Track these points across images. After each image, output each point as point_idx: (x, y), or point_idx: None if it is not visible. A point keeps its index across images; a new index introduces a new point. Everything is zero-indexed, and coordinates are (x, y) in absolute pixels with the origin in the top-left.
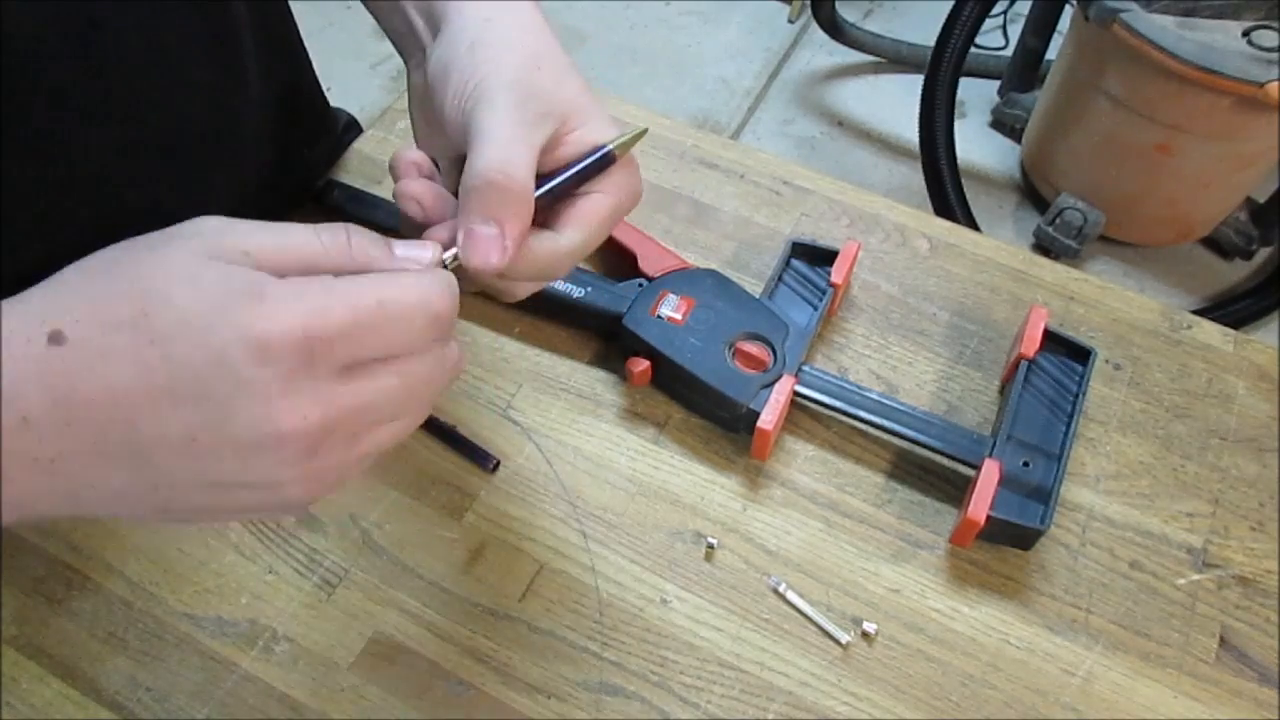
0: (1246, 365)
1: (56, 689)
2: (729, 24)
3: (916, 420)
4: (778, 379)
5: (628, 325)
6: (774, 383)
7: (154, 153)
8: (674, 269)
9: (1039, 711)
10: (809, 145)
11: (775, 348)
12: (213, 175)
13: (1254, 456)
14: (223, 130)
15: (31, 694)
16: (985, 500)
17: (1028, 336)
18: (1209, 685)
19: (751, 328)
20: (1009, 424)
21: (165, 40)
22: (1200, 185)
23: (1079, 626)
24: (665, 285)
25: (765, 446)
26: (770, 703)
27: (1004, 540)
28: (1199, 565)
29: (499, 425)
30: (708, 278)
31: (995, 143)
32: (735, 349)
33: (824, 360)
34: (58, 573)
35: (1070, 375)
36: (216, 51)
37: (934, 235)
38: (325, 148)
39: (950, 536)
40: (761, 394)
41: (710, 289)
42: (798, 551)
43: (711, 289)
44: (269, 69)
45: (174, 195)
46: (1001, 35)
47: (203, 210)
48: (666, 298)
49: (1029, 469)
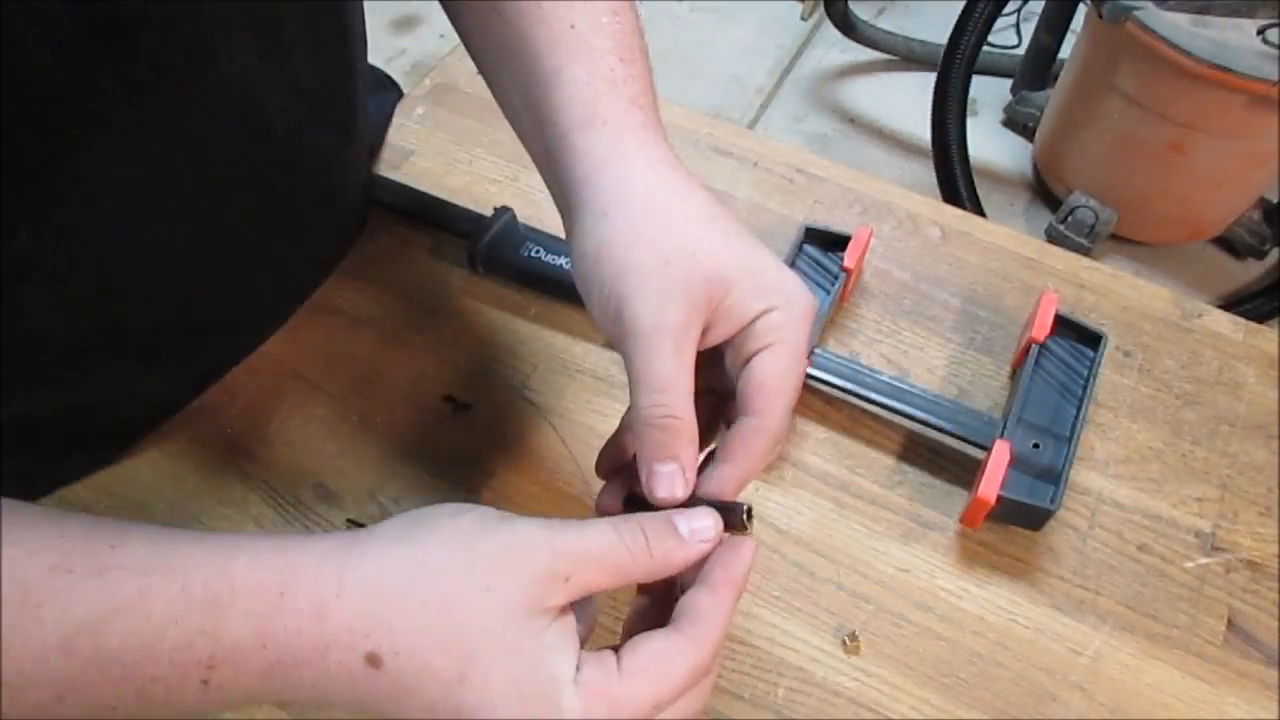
0: (1256, 353)
1: None
2: (742, 21)
3: (927, 402)
4: None
5: None
6: None
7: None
8: None
9: (1047, 690)
10: (821, 142)
11: None
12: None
13: (1262, 443)
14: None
15: None
16: (996, 480)
17: (1038, 321)
18: (1216, 666)
19: None
20: (1019, 406)
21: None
22: (1213, 184)
23: (1087, 607)
24: None
25: None
26: (780, 678)
27: (1014, 521)
28: (1207, 549)
29: (515, 405)
30: None
31: (1007, 141)
32: None
33: (836, 345)
34: None
35: (1081, 359)
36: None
37: (945, 223)
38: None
39: (960, 517)
40: None
41: None
42: (808, 531)
43: None
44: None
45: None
46: (1014, 33)
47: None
48: None
49: (1039, 450)
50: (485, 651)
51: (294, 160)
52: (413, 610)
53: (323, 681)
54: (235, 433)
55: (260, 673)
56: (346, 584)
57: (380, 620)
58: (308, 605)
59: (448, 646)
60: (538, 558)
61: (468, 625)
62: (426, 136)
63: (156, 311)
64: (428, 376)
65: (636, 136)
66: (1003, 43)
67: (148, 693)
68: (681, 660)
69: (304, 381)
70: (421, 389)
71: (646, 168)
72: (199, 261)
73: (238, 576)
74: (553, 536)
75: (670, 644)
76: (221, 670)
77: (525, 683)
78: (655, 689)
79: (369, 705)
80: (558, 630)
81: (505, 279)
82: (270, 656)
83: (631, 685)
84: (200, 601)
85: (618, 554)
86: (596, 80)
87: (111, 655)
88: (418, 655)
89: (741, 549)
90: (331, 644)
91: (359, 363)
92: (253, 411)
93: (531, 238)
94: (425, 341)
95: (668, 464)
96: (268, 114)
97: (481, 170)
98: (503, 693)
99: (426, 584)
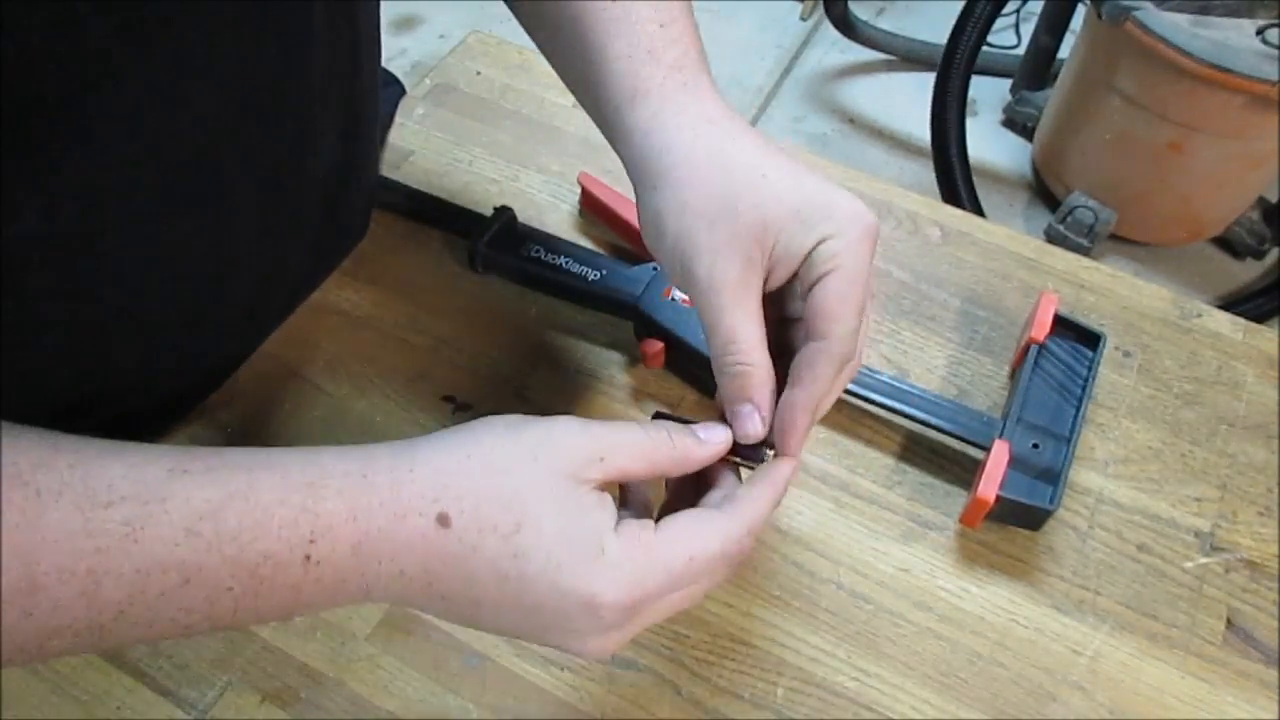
0: (1255, 353)
1: (81, 656)
2: (741, 21)
3: (926, 402)
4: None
5: (643, 308)
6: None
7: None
8: None
9: (1046, 690)
10: (820, 142)
11: None
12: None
13: (1262, 443)
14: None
15: (57, 660)
16: (995, 480)
17: (1038, 321)
18: (1215, 666)
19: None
20: (1019, 406)
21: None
22: (1212, 184)
23: (1087, 607)
24: None
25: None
26: (780, 677)
27: (1013, 521)
28: (1206, 549)
29: (514, 405)
30: None
31: (1007, 141)
32: None
33: None
34: None
35: (1080, 360)
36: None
37: (945, 223)
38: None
39: (960, 517)
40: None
41: None
42: (808, 531)
43: None
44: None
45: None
46: (1014, 34)
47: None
48: None
49: (1038, 450)
50: (536, 505)
51: (301, 153)
52: (474, 476)
53: (401, 552)
54: (235, 433)
55: (350, 547)
56: (417, 463)
57: (448, 487)
58: (387, 482)
59: (505, 502)
60: (575, 438)
61: (520, 484)
62: (426, 136)
63: (159, 301)
64: (428, 376)
65: (676, 103)
66: (1002, 43)
67: (259, 571)
68: (714, 528)
69: (304, 381)
70: (421, 389)
71: (687, 133)
72: (202, 252)
73: (327, 465)
74: (587, 425)
75: (706, 514)
76: (320, 545)
77: (572, 529)
78: (688, 546)
79: (437, 570)
80: (597, 495)
81: (505, 279)
82: (359, 529)
83: (667, 539)
84: (300, 485)
85: (644, 443)
86: (637, 53)
87: (229, 534)
88: (480, 512)
89: (782, 463)
90: (408, 510)
91: (359, 363)
92: (253, 411)
93: (532, 238)
94: (425, 341)
95: (745, 405)
96: (277, 104)
97: (481, 170)
98: (553, 537)
99: (483, 457)
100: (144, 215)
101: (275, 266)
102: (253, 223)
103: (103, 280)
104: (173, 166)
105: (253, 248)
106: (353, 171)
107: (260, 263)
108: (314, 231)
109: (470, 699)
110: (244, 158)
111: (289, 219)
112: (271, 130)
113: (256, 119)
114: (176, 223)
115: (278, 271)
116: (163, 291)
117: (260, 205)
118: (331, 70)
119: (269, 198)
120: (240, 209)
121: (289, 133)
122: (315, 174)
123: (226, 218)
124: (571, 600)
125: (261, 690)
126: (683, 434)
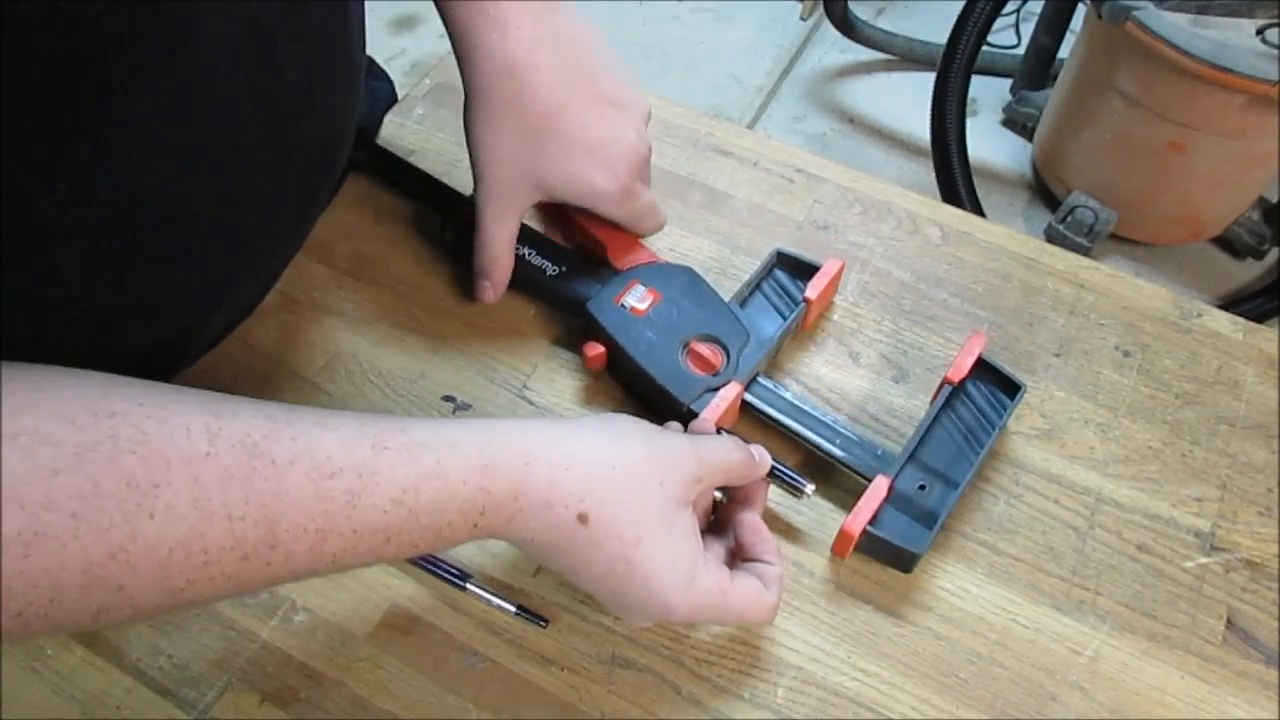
0: (1256, 353)
1: (80, 655)
2: (741, 21)
3: (824, 426)
4: (725, 384)
5: (590, 309)
6: (720, 387)
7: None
8: (645, 262)
9: (1046, 690)
10: (820, 142)
11: (730, 352)
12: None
13: (1262, 443)
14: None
15: (56, 660)
16: (865, 515)
17: (958, 362)
18: (1215, 666)
19: (710, 329)
20: (914, 445)
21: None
22: (1213, 184)
23: (1086, 607)
24: (637, 275)
25: None
26: (780, 677)
27: (882, 557)
28: (1207, 549)
29: (515, 405)
30: (681, 274)
31: (1007, 141)
32: (689, 348)
33: (835, 346)
34: None
35: (995, 407)
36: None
37: (945, 223)
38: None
39: (831, 545)
40: (705, 397)
41: (680, 286)
42: (808, 531)
43: (681, 286)
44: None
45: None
46: (1014, 33)
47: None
48: (635, 287)
49: (924, 492)
50: (654, 526)
51: (305, 111)
52: (616, 488)
53: (542, 530)
54: None
55: (506, 519)
56: (572, 462)
57: (593, 491)
58: (544, 475)
59: (634, 517)
60: (690, 462)
61: (649, 504)
62: (426, 136)
63: (171, 260)
64: (428, 376)
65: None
66: (1002, 43)
67: (442, 534)
68: (767, 605)
69: (304, 381)
70: (421, 389)
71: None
72: (215, 219)
73: (496, 449)
74: (695, 447)
75: (763, 591)
76: (487, 517)
77: (677, 552)
78: (741, 607)
79: (566, 552)
80: (691, 519)
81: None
82: (517, 507)
83: (737, 593)
84: (478, 468)
85: (730, 462)
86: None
87: (425, 508)
88: (613, 520)
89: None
90: (555, 502)
91: (359, 363)
92: None
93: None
94: (425, 341)
95: (484, 279)
96: (281, 61)
97: None
98: (662, 558)
99: (626, 471)
100: (164, 179)
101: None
102: (268, 183)
103: (124, 247)
104: (190, 120)
105: (266, 204)
106: (347, 129)
107: (271, 213)
108: (315, 189)
109: (470, 699)
110: (248, 112)
111: (292, 177)
112: (276, 82)
113: (262, 70)
114: (190, 183)
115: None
116: (175, 256)
117: (267, 165)
118: (326, 20)
119: (275, 159)
120: (250, 168)
121: (292, 83)
122: (316, 131)
123: (241, 175)
124: (655, 604)
125: (261, 690)
126: (757, 452)
